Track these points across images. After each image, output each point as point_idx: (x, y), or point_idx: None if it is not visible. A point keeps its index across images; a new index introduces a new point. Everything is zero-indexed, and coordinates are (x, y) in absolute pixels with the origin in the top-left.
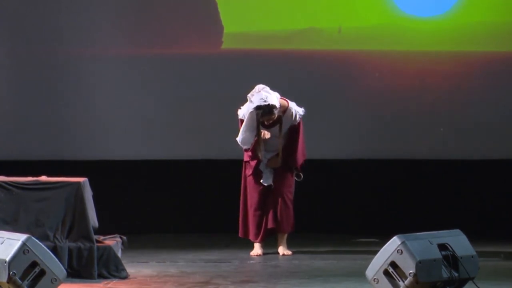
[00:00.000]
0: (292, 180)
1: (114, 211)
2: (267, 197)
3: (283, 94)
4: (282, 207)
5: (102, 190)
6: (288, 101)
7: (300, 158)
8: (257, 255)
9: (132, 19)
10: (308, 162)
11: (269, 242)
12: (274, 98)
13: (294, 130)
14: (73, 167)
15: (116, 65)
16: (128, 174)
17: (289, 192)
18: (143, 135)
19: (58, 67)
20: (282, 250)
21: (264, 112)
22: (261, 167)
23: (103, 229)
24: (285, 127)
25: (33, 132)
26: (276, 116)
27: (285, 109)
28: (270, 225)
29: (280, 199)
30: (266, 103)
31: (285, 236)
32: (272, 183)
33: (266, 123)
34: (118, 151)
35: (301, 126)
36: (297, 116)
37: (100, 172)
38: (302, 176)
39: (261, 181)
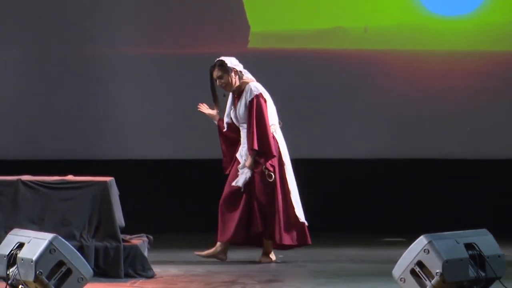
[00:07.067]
0: (266, 183)
1: (140, 210)
2: (240, 199)
3: (309, 93)
4: (254, 213)
5: (128, 189)
6: (257, 82)
7: (255, 140)
8: (198, 253)
9: (158, 18)
10: (337, 162)
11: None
12: (228, 58)
13: (248, 109)
14: (100, 166)
15: (142, 65)
16: (155, 173)
17: (264, 196)
18: (169, 134)
19: (83, 66)
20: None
21: (213, 65)
22: (239, 166)
23: (130, 229)
24: (242, 104)
25: (59, 131)
26: (223, 74)
27: (246, 85)
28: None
29: (252, 204)
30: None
31: (267, 242)
32: (242, 186)
33: (217, 82)
34: (145, 151)
35: (254, 107)
36: (249, 93)
37: (127, 171)
38: (273, 176)
39: (234, 182)
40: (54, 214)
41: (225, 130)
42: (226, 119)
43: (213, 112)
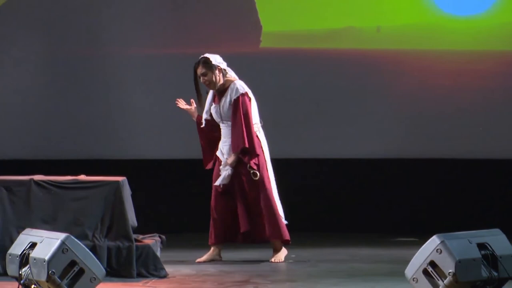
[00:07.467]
0: (253, 182)
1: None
2: (227, 201)
3: (322, 92)
4: (241, 212)
5: (141, 189)
6: (241, 81)
7: (245, 138)
8: (199, 261)
9: (170, 18)
10: (348, 161)
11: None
12: (213, 56)
13: (233, 108)
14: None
15: (153, 64)
16: (167, 173)
17: (251, 195)
18: (181, 134)
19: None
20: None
21: (197, 62)
22: (222, 165)
23: (142, 228)
24: (227, 102)
25: (72, 131)
26: (206, 72)
27: (230, 83)
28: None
29: (240, 204)
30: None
31: (274, 243)
32: (222, 184)
33: (201, 79)
34: (157, 150)
35: (241, 106)
36: (235, 92)
37: (139, 171)
38: (258, 174)
39: (216, 182)
40: (67, 214)
41: (202, 126)
42: (204, 116)
43: (191, 108)
